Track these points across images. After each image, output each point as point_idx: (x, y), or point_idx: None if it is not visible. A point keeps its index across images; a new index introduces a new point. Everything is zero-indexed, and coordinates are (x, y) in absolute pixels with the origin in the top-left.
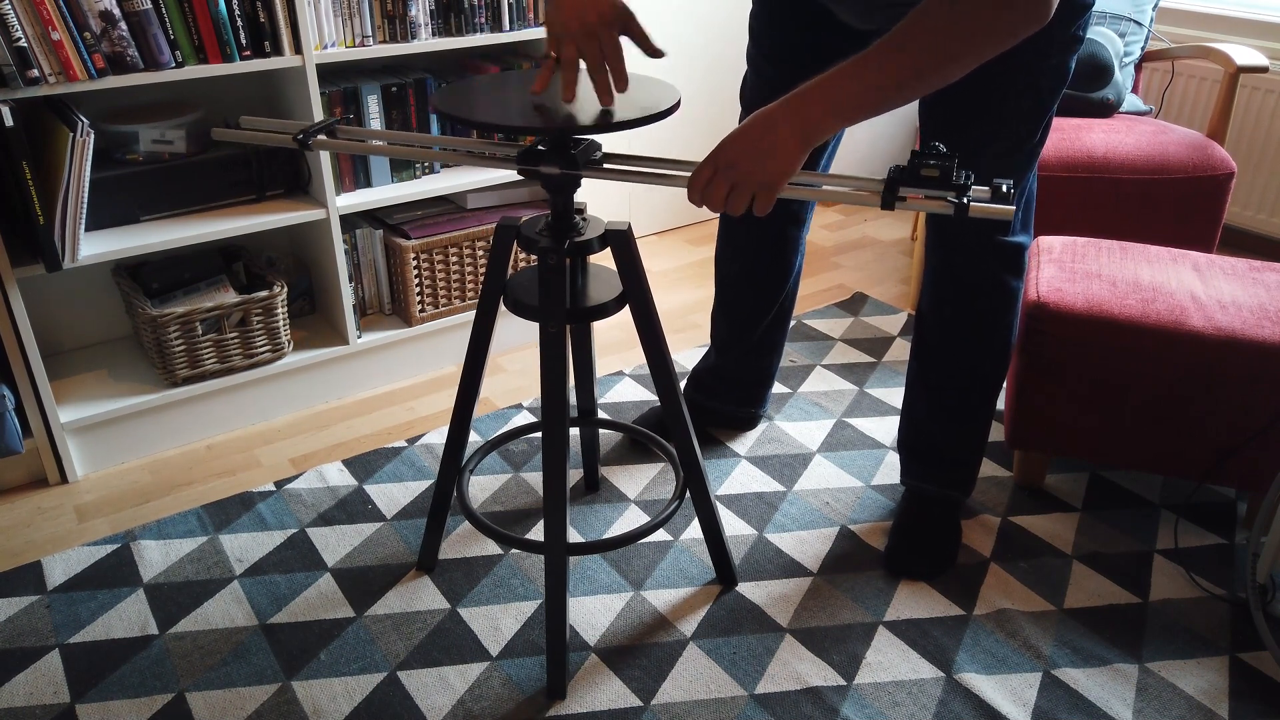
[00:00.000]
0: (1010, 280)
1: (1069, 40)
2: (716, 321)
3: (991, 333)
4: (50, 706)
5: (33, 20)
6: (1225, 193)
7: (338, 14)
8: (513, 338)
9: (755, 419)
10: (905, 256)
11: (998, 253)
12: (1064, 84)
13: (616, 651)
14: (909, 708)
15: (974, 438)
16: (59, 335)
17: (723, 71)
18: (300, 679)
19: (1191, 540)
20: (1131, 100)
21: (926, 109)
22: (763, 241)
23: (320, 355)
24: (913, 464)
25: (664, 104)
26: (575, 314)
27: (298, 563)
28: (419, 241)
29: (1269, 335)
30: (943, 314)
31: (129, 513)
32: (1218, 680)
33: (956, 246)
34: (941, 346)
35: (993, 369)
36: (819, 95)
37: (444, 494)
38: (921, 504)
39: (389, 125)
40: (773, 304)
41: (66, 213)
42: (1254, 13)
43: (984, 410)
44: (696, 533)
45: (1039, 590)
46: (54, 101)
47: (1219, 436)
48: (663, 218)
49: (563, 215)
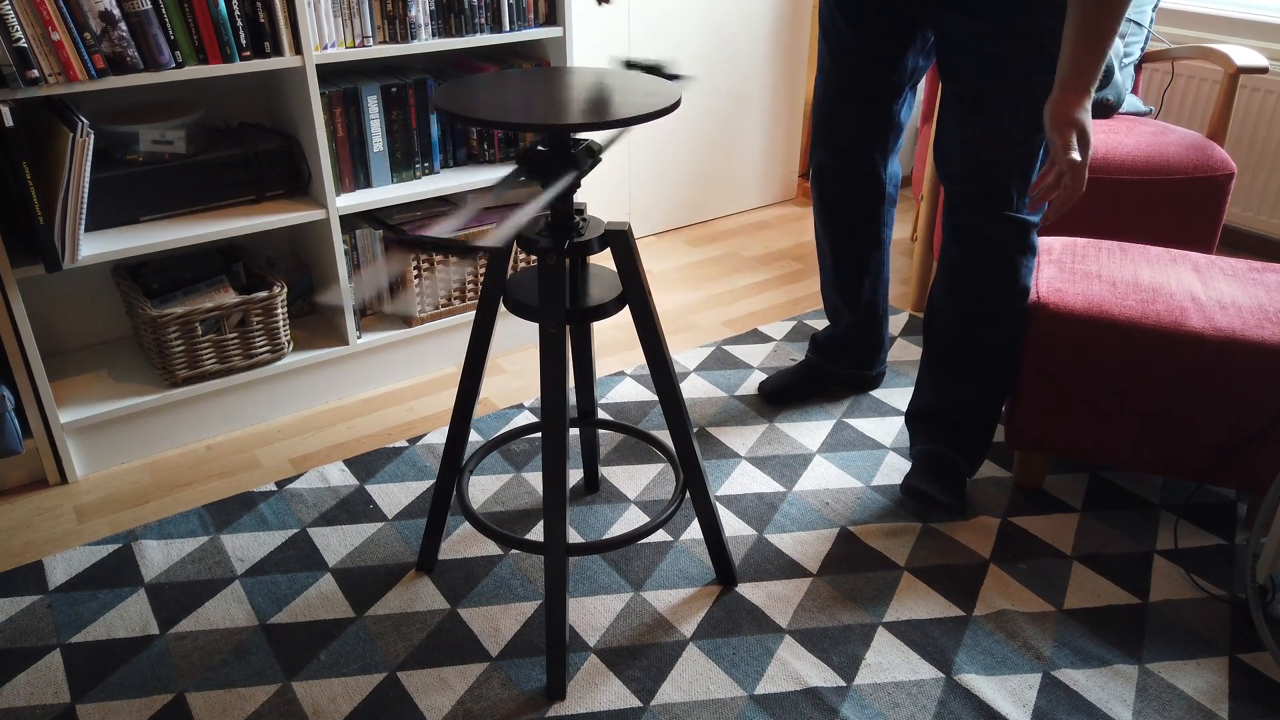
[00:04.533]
0: (1018, 257)
1: None
2: (826, 294)
3: (999, 305)
4: (51, 706)
5: (33, 20)
6: (1225, 193)
7: (338, 14)
8: (513, 338)
9: (872, 380)
10: (905, 257)
11: (1008, 229)
12: None
13: (616, 652)
14: (909, 708)
15: (981, 408)
16: (59, 335)
17: (723, 70)
18: (300, 679)
19: (1191, 541)
20: (1131, 101)
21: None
22: (856, 221)
23: (320, 355)
24: (921, 431)
25: (664, 103)
26: (575, 314)
27: (298, 563)
28: None
29: (1269, 335)
30: (956, 293)
31: (129, 513)
32: (1218, 681)
33: (970, 230)
34: (953, 323)
35: (1002, 341)
36: (1073, 80)
37: (444, 494)
38: (930, 459)
39: (389, 125)
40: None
41: (66, 213)
42: (1254, 13)
43: (991, 382)
44: (696, 533)
45: (1039, 591)
46: (54, 101)
47: (1219, 436)
48: (663, 218)
49: (563, 215)
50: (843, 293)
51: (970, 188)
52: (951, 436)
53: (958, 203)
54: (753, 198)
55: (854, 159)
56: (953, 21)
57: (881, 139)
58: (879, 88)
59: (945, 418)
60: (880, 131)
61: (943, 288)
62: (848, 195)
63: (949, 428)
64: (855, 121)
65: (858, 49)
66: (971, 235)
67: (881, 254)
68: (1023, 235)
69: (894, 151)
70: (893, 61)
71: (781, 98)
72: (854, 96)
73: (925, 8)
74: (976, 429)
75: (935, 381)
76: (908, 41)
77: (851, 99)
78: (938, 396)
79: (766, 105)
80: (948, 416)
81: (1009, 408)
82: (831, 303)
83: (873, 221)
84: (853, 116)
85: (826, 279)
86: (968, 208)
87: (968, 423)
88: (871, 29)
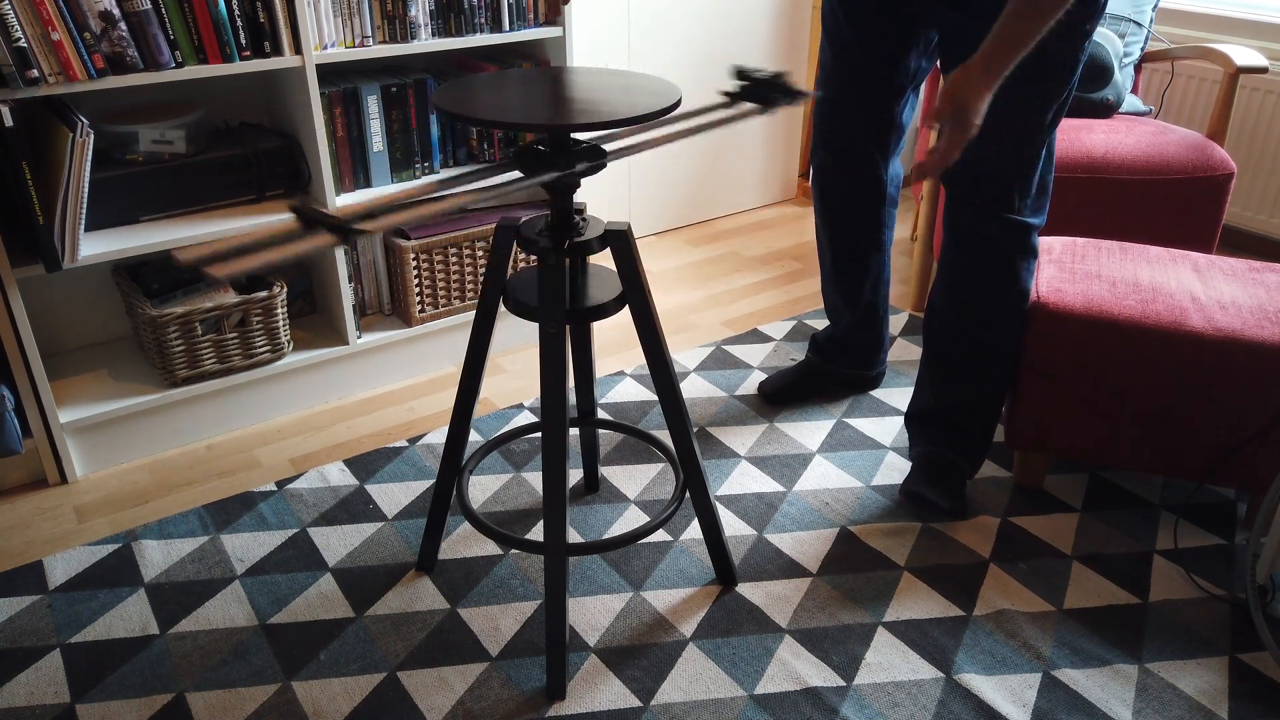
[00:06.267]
0: (1019, 258)
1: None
2: (826, 295)
3: (999, 305)
4: (51, 706)
5: (32, 20)
6: (1225, 193)
7: (338, 14)
8: (513, 338)
9: (872, 380)
10: (905, 257)
11: (1008, 231)
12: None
13: (616, 652)
14: (909, 708)
15: (981, 408)
16: (59, 335)
17: (723, 69)
18: (300, 679)
19: (1191, 541)
20: (1131, 101)
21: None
22: (857, 222)
23: (320, 355)
24: (921, 433)
25: (664, 103)
26: (575, 314)
27: (298, 563)
28: (419, 242)
29: (1269, 335)
30: (955, 294)
31: (129, 513)
32: (1217, 681)
33: (970, 231)
34: (952, 324)
35: (1002, 342)
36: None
37: (444, 494)
38: (930, 462)
39: (389, 125)
40: (868, 276)
41: (66, 213)
42: (1254, 13)
43: (990, 383)
44: (696, 533)
45: (1039, 591)
46: (54, 101)
47: (1219, 436)
48: (663, 218)
49: (562, 215)
50: (843, 293)
51: (970, 189)
52: (951, 437)
53: (958, 204)
54: (753, 198)
55: (855, 159)
56: (954, 21)
57: (882, 139)
58: (880, 87)
59: (945, 418)
60: (881, 132)
61: (942, 288)
62: (848, 196)
63: (949, 429)
64: (856, 121)
65: (858, 47)
66: (971, 236)
67: (882, 255)
68: (1023, 237)
69: (895, 152)
70: (894, 61)
71: None
72: (855, 96)
73: (925, 6)
74: (976, 429)
75: (935, 382)
76: (909, 41)
77: (853, 99)
78: (937, 397)
79: None
80: (947, 417)
81: (1009, 408)
82: (831, 303)
83: (873, 222)
84: (854, 116)
85: (827, 279)
86: (968, 209)
87: (967, 423)
88: (872, 26)
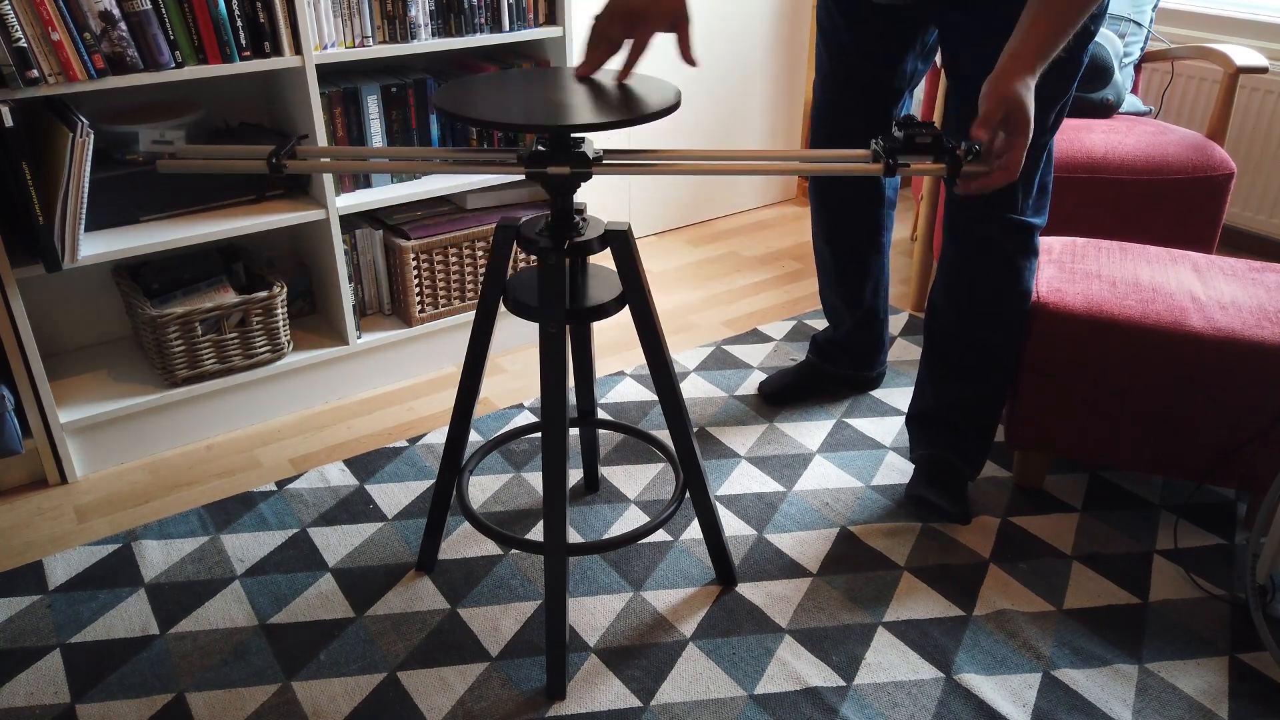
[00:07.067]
0: (1020, 259)
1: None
2: (825, 297)
3: (999, 305)
4: (50, 706)
5: (32, 20)
6: (1225, 193)
7: (338, 14)
8: (513, 338)
9: (872, 380)
10: (905, 257)
11: (1009, 232)
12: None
13: (616, 652)
14: (909, 708)
15: (981, 409)
16: (59, 335)
17: (722, 70)
18: (300, 679)
19: (1191, 541)
20: (1131, 101)
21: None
22: (857, 225)
23: (320, 355)
24: (921, 435)
25: (664, 103)
26: (575, 314)
27: (298, 563)
28: (419, 242)
29: (1269, 335)
30: (955, 294)
31: (129, 513)
32: (1217, 681)
33: (969, 231)
34: (952, 324)
35: (1002, 343)
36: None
37: (443, 494)
38: (931, 465)
39: (389, 126)
40: (868, 279)
41: (66, 213)
42: (1254, 13)
43: (990, 383)
44: (696, 533)
45: (1039, 591)
46: (54, 101)
47: (1219, 436)
48: (663, 218)
49: (562, 215)
50: (843, 296)
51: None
52: (951, 438)
53: (958, 204)
54: (753, 198)
55: None
56: (954, 20)
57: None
58: (877, 89)
59: (945, 419)
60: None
61: (942, 288)
62: (848, 199)
63: (949, 429)
64: (854, 124)
65: (855, 49)
66: (972, 237)
67: (881, 257)
68: (1024, 238)
69: None
70: (892, 62)
71: (781, 98)
72: (852, 98)
73: (925, 6)
74: (977, 430)
75: (935, 382)
76: (907, 43)
77: (850, 100)
78: (937, 398)
79: (766, 105)
80: (947, 418)
81: (1009, 408)
82: (831, 306)
83: (872, 225)
84: (851, 119)
85: (826, 282)
86: (969, 209)
87: (967, 424)
88: (869, 28)
